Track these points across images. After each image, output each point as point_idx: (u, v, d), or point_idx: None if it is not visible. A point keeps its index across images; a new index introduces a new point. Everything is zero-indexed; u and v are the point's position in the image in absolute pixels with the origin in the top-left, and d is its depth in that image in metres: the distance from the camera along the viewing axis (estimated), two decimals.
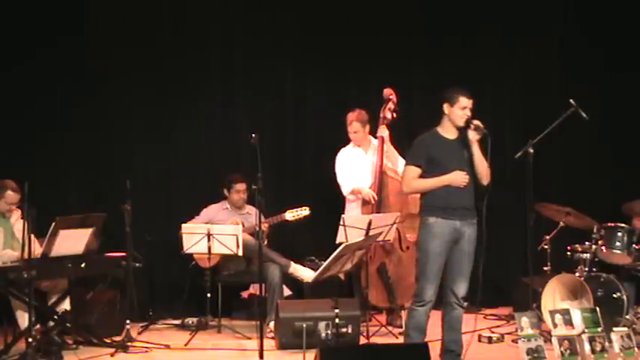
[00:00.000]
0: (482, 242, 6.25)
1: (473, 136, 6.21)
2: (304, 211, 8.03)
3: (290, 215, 8.02)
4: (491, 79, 9.35)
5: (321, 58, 9.09)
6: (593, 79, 9.15)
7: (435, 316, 6.35)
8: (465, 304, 6.30)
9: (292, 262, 7.96)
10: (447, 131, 6.26)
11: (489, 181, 6.32)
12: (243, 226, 8.00)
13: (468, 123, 6.21)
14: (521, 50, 9.37)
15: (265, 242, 7.88)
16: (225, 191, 8.26)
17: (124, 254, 7.32)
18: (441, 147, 6.22)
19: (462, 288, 6.23)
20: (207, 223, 7.99)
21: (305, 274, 7.87)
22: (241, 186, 8.14)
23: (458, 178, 6.17)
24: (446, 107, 6.21)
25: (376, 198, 7.86)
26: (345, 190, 8.15)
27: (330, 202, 8.35)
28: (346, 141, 8.24)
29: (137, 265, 7.51)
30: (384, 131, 7.93)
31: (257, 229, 6.91)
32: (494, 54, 9.35)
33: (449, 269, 6.22)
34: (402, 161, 7.44)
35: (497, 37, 9.35)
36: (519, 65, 9.38)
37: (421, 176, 6.21)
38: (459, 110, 6.19)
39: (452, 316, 6.28)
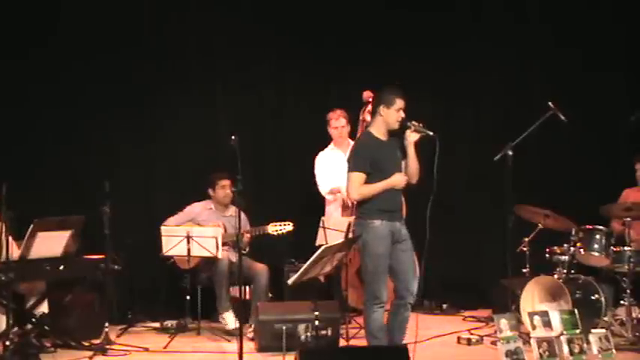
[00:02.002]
0: (426, 242, 6.35)
1: (412, 137, 6.33)
2: (287, 227, 7.94)
3: (273, 229, 7.95)
4: (472, 82, 9.36)
5: (301, 59, 9.09)
6: (572, 81, 9.16)
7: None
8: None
9: None
10: (380, 133, 6.38)
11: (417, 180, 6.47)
12: (225, 230, 7.97)
13: (404, 124, 6.32)
14: (501, 51, 9.38)
15: (247, 249, 7.92)
16: (210, 190, 8.22)
17: (102, 257, 7.28)
18: (379, 150, 6.34)
19: (415, 286, 6.37)
20: (190, 220, 8.00)
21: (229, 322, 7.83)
22: (226, 182, 8.10)
23: (400, 180, 6.32)
24: (382, 109, 6.32)
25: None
26: (323, 189, 8.19)
27: (310, 204, 8.37)
28: (326, 142, 8.25)
29: (116, 267, 7.45)
30: None
31: (237, 230, 6.87)
32: (474, 57, 9.34)
33: (400, 271, 6.33)
34: None
35: (477, 41, 9.35)
36: (499, 67, 9.40)
37: (365, 181, 6.28)
38: (394, 112, 6.30)
39: (405, 317, 6.38)
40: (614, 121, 9.13)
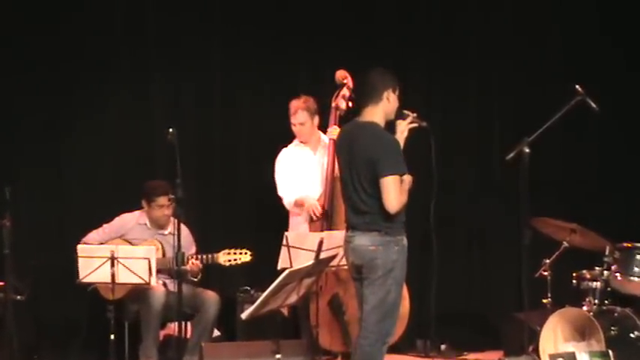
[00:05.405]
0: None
1: (406, 129, 6.30)
2: (244, 257, 7.94)
3: (225, 258, 7.93)
4: (477, 66, 9.45)
5: (260, 33, 9.08)
6: (603, 66, 9.25)
7: None
8: None
9: None
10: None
11: None
12: (164, 253, 7.92)
13: (399, 113, 6.32)
14: (512, 30, 9.46)
15: (198, 277, 7.96)
16: (144, 204, 8.17)
17: (1, 284, 7.32)
18: None
19: None
20: (119, 237, 7.99)
21: None
22: (164, 200, 8.01)
23: (410, 179, 6.22)
24: (389, 94, 6.26)
25: (319, 214, 7.89)
26: (287, 201, 8.16)
27: (270, 216, 8.38)
28: (289, 138, 8.24)
29: (19, 297, 7.50)
30: (334, 132, 7.83)
31: (176, 250, 6.83)
32: (480, 33, 9.44)
33: None
34: None
35: (483, 14, 9.43)
36: (511, 48, 9.44)
37: None
38: (397, 99, 6.27)
39: None
40: None
